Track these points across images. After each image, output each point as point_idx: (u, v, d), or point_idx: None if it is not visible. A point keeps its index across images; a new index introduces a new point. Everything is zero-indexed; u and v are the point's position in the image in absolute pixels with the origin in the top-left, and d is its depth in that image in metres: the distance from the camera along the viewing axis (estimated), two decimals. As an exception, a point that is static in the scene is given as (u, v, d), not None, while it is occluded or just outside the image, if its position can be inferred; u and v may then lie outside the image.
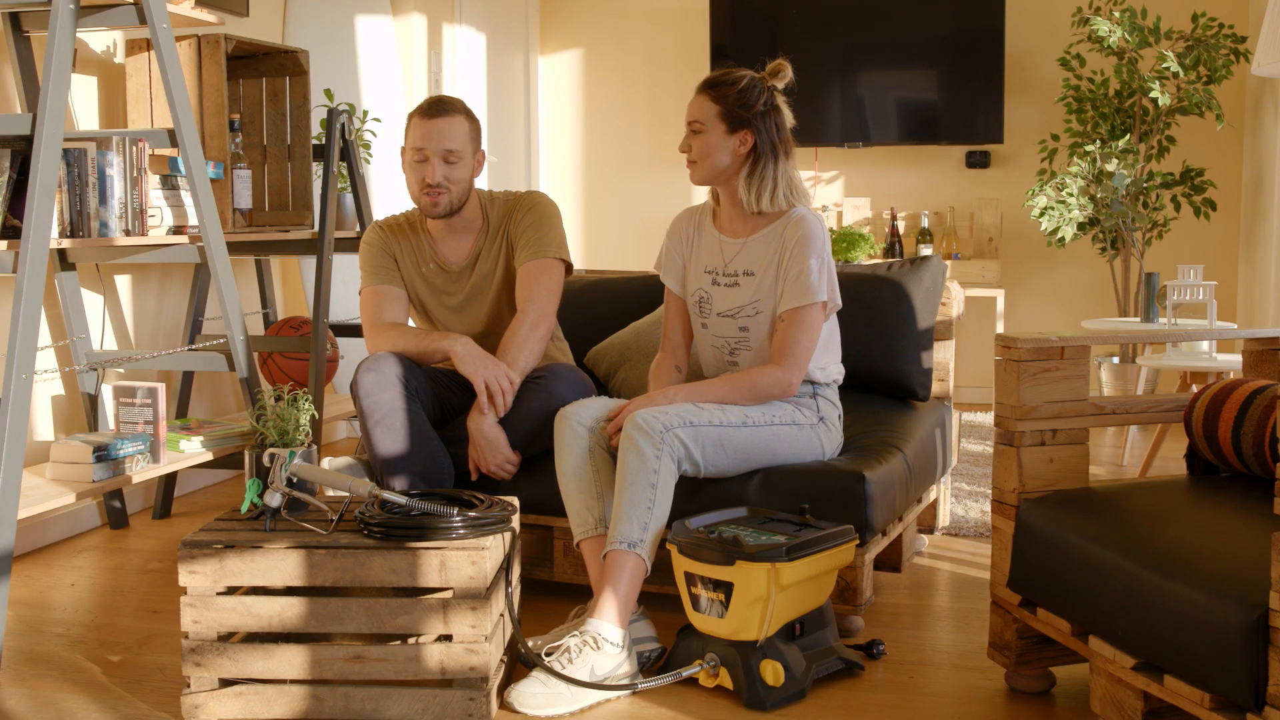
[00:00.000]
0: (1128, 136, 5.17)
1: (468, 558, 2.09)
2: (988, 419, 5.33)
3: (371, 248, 2.91)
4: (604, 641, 2.27)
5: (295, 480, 2.30)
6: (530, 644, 2.33)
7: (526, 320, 2.77)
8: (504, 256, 2.89)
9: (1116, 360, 5.39)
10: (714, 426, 2.49)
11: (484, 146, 2.87)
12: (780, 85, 2.64)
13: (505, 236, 2.89)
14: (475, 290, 2.90)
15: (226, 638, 2.16)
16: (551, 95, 6.44)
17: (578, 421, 2.53)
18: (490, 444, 2.67)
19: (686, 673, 2.26)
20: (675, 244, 2.77)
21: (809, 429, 2.62)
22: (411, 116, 2.81)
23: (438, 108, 2.79)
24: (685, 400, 2.54)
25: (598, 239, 6.40)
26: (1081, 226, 5.24)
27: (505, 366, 2.67)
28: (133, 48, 3.56)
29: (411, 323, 3.01)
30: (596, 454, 2.51)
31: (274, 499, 2.21)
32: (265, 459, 2.33)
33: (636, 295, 3.41)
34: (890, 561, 2.91)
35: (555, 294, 2.82)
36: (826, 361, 2.68)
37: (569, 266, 2.89)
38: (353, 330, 4.09)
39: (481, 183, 2.89)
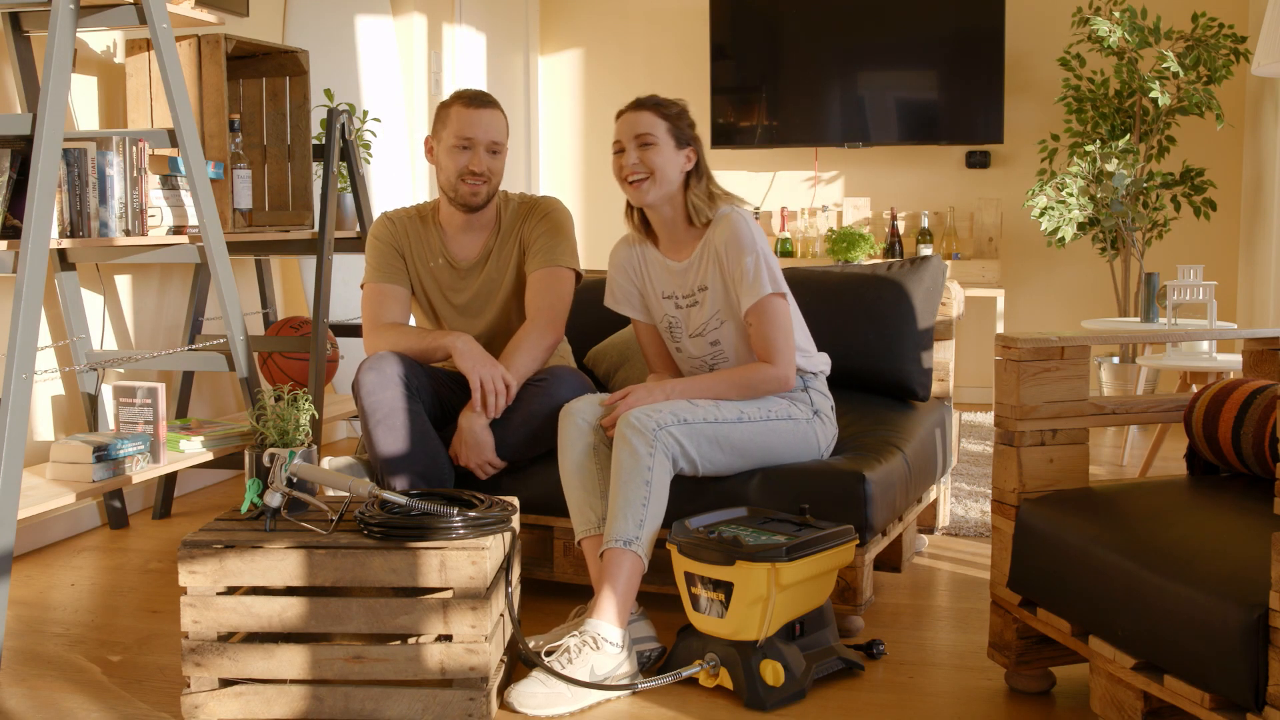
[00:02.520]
0: (1128, 136, 5.17)
1: (468, 558, 2.09)
2: (988, 419, 5.33)
3: (379, 243, 2.90)
4: (603, 641, 2.27)
5: (295, 480, 2.30)
6: (530, 644, 2.33)
7: (536, 328, 2.77)
8: (515, 260, 2.88)
9: (1116, 360, 5.39)
10: (709, 423, 2.49)
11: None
12: None
13: (518, 240, 2.89)
14: (483, 290, 2.90)
15: (226, 638, 2.16)
16: (551, 95, 6.44)
17: (582, 419, 2.54)
18: (476, 443, 2.67)
19: (686, 673, 2.26)
20: (624, 275, 2.77)
21: (805, 423, 2.63)
22: (451, 106, 2.79)
23: (482, 99, 2.80)
24: (682, 395, 2.55)
25: (598, 239, 6.39)
26: (1081, 226, 5.24)
27: (502, 369, 2.67)
28: (133, 48, 3.56)
29: (413, 320, 3.01)
30: (600, 452, 2.51)
31: (274, 499, 2.21)
32: (265, 459, 2.33)
33: (636, 295, 3.40)
34: (890, 561, 2.91)
35: (567, 304, 2.84)
36: (803, 343, 2.68)
37: (579, 276, 2.90)
38: (353, 330, 4.09)
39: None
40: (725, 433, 2.51)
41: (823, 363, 2.72)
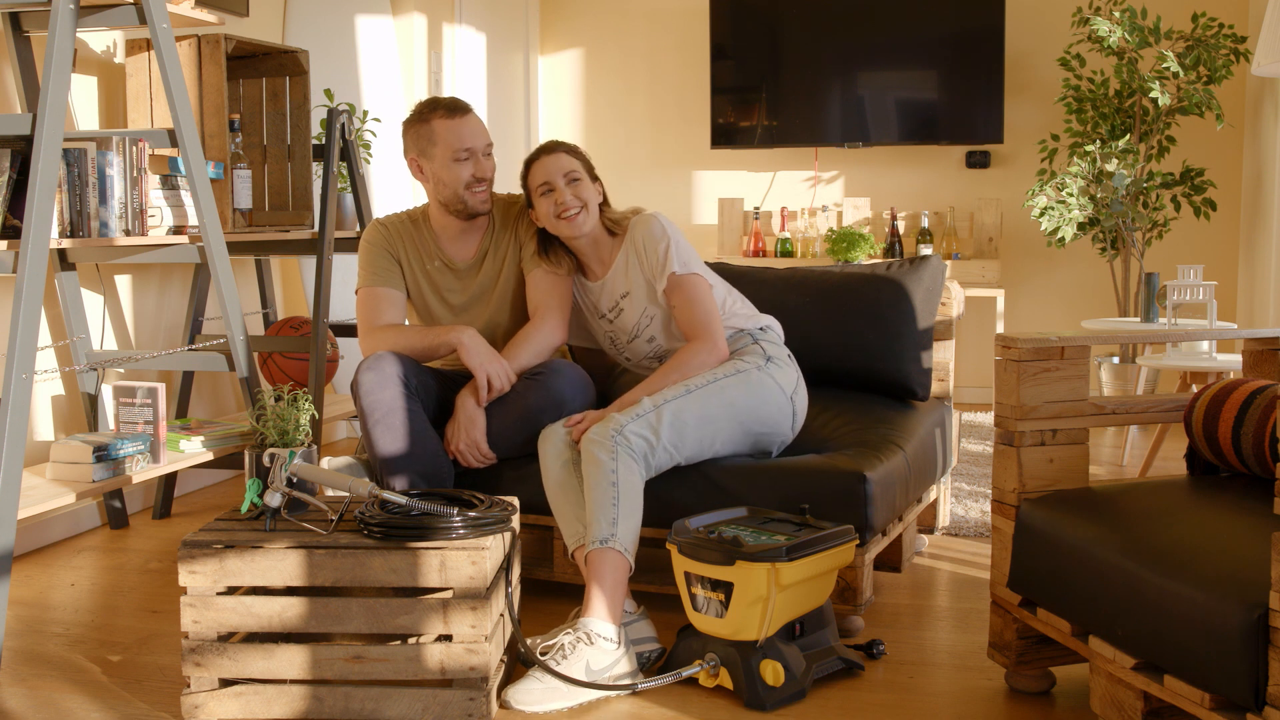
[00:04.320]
0: (1128, 136, 5.17)
1: (468, 558, 2.09)
2: (988, 419, 5.33)
3: (373, 247, 2.90)
4: (597, 637, 2.27)
5: (295, 480, 2.30)
6: (529, 643, 2.33)
7: (546, 327, 2.79)
8: (511, 258, 2.89)
9: (1116, 360, 5.39)
10: (659, 407, 2.54)
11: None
12: None
13: (514, 238, 2.89)
14: (481, 289, 2.90)
15: (226, 638, 2.16)
16: (551, 95, 6.44)
17: (558, 437, 2.61)
18: (470, 423, 2.69)
19: (686, 673, 2.26)
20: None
21: (757, 371, 2.69)
22: (430, 121, 2.79)
23: (461, 106, 2.82)
24: (628, 404, 2.62)
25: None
26: (1081, 226, 5.24)
27: (506, 365, 2.69)
28: (133, 48, 3.56)
29: (407, 321, 3.01)
30: (580, 465, 2.55)
31: (274, 499, 2.21)
32: (265, 459, 2.33)
33: (636, 295, 3.40)
34: (890, 561, 2.91)
35: (570, 301, 2.87)
36: (738, 307, 2.81)
37: None
38: (353, 330, 4.08)
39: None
40: (681, 408, 2.56)
41: (766, 320, 2.85)
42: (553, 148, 2.79)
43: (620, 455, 2.45)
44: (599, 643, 2.27)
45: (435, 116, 2.79)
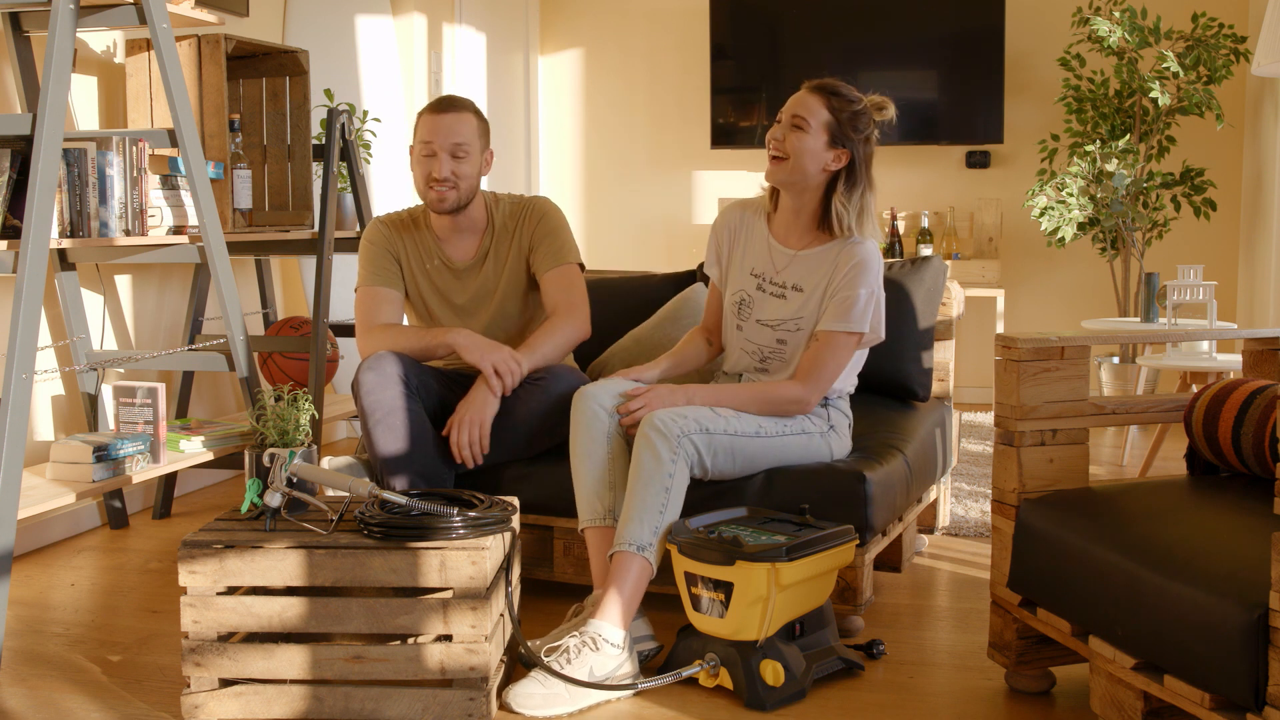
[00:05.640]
0: (1128, 136, 5.17)
1: (468, 558, 2.09)
2: (988, 419, 5.33)
3: (374, 246, 2.90)
4: (604, 642, 2.26)
5: (295, 480, 2.30)
6: (530, 644, 2.33)
7: (568, 323, 2.78)
8: (513, 261, 2.89)
9: (1116, 360, 5.39)
10: (728, 435, 2.49)
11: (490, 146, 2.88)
12: (880, 120, 2.64)
13: (516, 241, 2.89)
14: (481, 290, 2.90)
15: (226, 638, 2.16)
16: (551, 95, 6.44)
17: (598, 403, 2.48)
18: (484, 405, 2.64)
19: (686, 673, 2.26)
20: (718, 237, 2.76)
21: (818, 436, 2.63)
22: (421, 114, 2.82)
23: (447, 104, 2.81)
24: (703, 403, 2.52)
25: (598, 239, 6.39)
26: (1081, 226, 5.24)
27: (510, 350, 2.67)
28: (133, 48, 3.56)
29: (406, 322, 3.01)
30: (615, 441, 2.48)
31: (274, 499, 2.21)
32: (265, 459, 2.33)
33: (637, 295, 3.41)
34: (890, 561, 2.91)
35: (586, 297, 2.87)
36: (849, 373, 2.68)
37: (582, 266, 2.93)
38: (353, 330, 4.08)
39: (481, 183, 2.89)
40: (741, 445, 2.51)
41: (850, 385, 2.71)
42: (817, 87, 2.57)
43: (680, 459, 2.39)
44: (604, 648, 2.26)
45: (425, 111, 2.81)
